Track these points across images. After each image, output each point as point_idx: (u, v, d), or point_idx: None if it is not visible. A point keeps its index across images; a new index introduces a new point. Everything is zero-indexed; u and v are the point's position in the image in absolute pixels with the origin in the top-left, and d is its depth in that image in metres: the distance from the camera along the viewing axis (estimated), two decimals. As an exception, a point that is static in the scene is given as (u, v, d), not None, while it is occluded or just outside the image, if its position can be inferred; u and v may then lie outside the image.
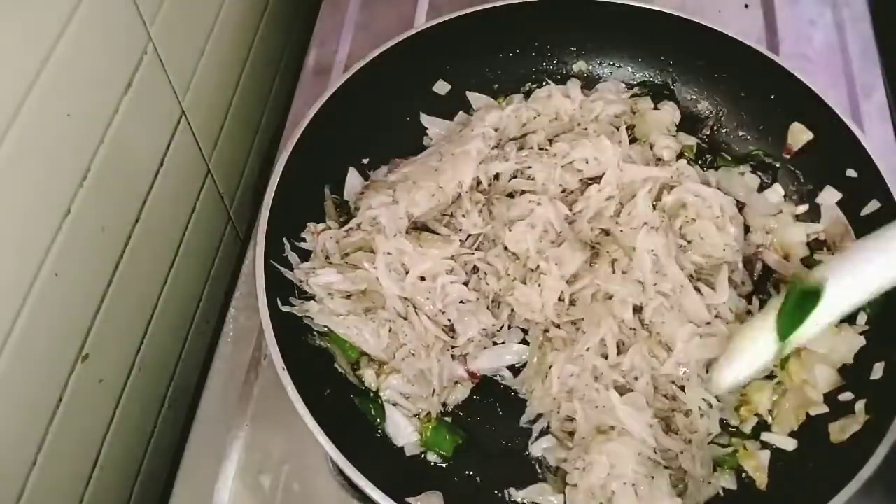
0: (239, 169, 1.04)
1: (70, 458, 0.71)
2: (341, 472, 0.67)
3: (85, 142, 0.68)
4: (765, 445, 0.74)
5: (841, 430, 0.71)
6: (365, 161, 0.89)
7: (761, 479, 0.72)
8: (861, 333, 0.76)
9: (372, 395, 0.77)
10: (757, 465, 0.73)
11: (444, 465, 0.75)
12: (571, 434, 0.75)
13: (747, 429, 0.75)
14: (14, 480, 0.63)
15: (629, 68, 0.96)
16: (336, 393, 0.76)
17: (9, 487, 0.63)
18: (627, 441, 0.72)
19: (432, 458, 0.75)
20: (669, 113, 0.92)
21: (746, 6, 1.08)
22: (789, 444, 0.74)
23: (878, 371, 0.73)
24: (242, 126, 1.02)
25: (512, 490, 0.74)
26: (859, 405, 0.72)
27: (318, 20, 1.09)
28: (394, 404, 0.76)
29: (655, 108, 0.93)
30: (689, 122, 0.93)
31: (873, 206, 0.80)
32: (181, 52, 0.83)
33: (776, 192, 0.88)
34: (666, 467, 0.72)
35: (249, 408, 0.80)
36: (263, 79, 1.08)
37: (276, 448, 0.77)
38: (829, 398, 0.75)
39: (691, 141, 0.91)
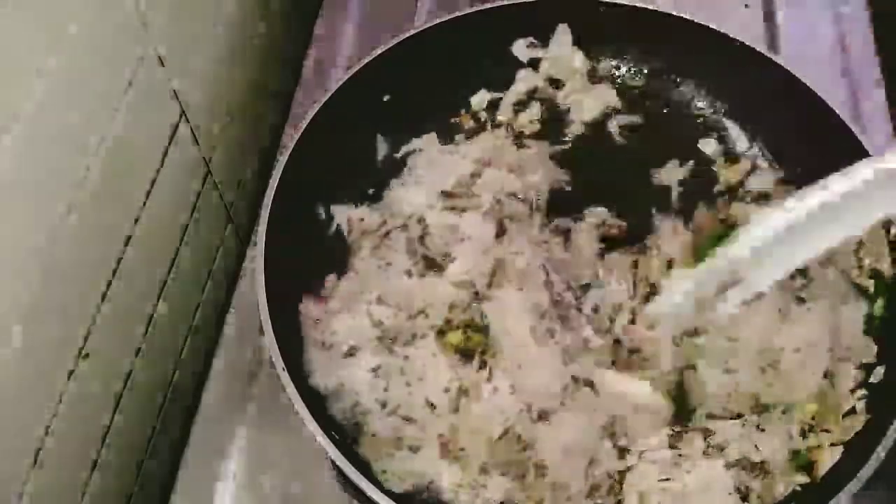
0: (239, 169, 1.04)
1: (70, 458, 0.71)
2: (341, 472, 0.67)
3: (85, 142, 0.68)
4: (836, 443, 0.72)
5: (842, 431, 0.71)
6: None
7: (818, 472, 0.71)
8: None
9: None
10: (824, 460, 0.71)
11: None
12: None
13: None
14: (14, 480, 0.63)
15: (629, 67, 0.96)
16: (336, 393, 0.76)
17: (9, 487, 0.63)
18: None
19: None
20: None
21: (746, 6, 1.08)
22: (826, 440, 0.72)
23: (878, 374, 0.73)
24: (242, 126, 1.02)
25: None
26: (859, 405, 0.72)
27: (318, 20, 1.09)
28: None
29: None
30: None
31: (873, 206, 0.80)
32: (181, 52, 0.83)
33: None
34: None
35: (249, 408, 0.80)
36: (263, 78, 1.08)
37: (276, 448, 0.77)
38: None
39: None
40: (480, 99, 0.95)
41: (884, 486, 0.66)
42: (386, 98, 0.90)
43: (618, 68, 0.96)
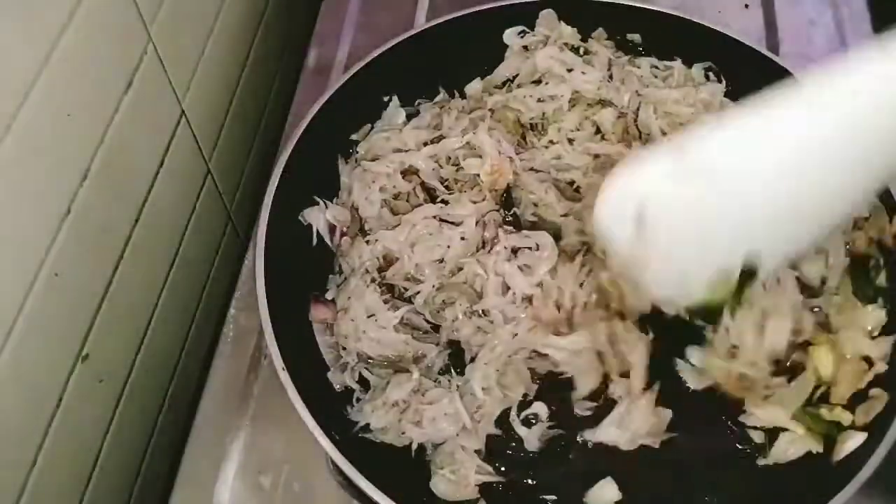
0: (239, 169, 1.04)
1: (70, 458, 0.71)
2: (341, 472, 0.67)
3: (85, 142, 0.68)
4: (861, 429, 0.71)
5: (863, 413, 0.70)
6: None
7: (838, 451, 0.70)
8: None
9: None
10: (846, 443, 0.70)
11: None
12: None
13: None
14: (14, 480, 0.63)
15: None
16: (336, 393, 0.76)
17: (9, 487, 0.63)
18: None
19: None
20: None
21: (746, 6, 1.08)
22: (846, 419, 0.72)
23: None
24: (242, 126, 1.02)
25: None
26: (875, 391, 0.71)
27: (318, 20, 1.09)
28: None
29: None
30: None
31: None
32: (181, 52, 0.83)
33: None
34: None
35: (249, 408, 0.80)
36: (263, 79, 1.08)
37: (276, 448, 0.77)
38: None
39: None
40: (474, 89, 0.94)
41: (884, 487, 0.67)
42: (386, 98, 0.90)
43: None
